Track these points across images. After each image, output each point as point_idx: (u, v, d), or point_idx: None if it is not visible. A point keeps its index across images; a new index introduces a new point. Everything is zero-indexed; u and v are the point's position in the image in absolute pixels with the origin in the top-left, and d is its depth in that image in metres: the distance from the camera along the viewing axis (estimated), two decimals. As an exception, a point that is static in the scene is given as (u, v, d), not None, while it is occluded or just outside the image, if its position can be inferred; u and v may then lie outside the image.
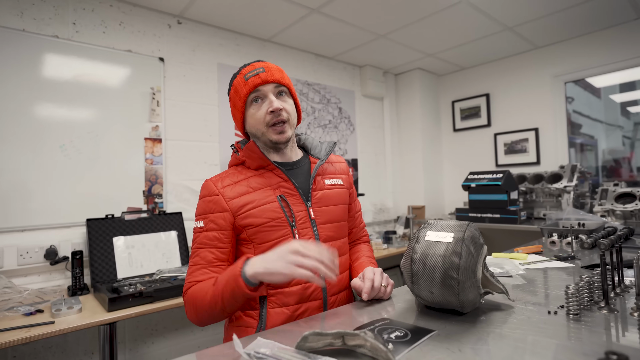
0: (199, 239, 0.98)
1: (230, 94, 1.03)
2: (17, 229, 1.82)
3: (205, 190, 1.00)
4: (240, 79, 0.99)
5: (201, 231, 0.98)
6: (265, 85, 0.97)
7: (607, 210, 2.30)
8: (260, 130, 0.99)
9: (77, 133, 2.00)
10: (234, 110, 1.04)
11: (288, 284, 0.96)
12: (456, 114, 3.71)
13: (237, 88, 1.00)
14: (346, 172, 1.17)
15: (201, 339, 2.37)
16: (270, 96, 0.98)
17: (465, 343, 0.68)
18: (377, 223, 3.55)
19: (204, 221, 0.98)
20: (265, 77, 0.97)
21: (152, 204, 2.23)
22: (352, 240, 1.21)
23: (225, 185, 0.99)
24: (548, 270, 1.24)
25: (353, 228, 1.20)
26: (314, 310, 0.97)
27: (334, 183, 1.09)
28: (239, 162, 1.06)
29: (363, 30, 2.72)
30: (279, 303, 0.95)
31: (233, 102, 1.03)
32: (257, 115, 0.98)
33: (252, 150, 1.00)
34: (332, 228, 1.05)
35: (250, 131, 1.03)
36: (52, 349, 1.87)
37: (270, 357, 0.60)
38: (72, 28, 2.02)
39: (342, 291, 1.05)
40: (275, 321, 0.94)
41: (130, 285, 1.74)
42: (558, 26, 2.75)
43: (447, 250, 0.80)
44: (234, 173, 1.03)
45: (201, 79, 2.50)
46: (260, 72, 0.97)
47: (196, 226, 1.00)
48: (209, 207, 0.98)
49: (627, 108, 3.32)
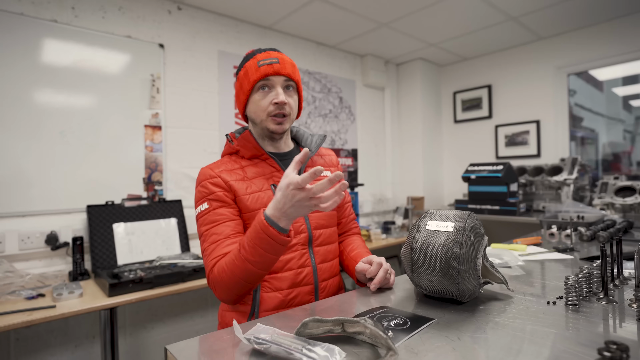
0: (208, 219, 0.96)
1: (240, 74, 1.03)
2: (18, 214, 1.82)
3: (203, 175, 1.01)
4: (253, 63, 0.99)
5: (207, 212, 0.97)
6: (276, 77, 0.98)
7: (606, 203, 2.30)
8: (260, 117, 1.00)
9: (77, 119, 1.99)
10: (239, 92, 1.04)
11: (281, 269, 0.98)
12: (457, 105, 3.69)
13: (248, 71, 0.99)
14: (336, 164, 1.20)
15: (200, 325, 2.39)
16: (278, 88, 0.98)
17: (464, 332, 0.69)
18: (376, 213, 3.56)
19: (208, 202, 0.97)
20: (278, 68, 0.97)
21: (152, 191, 2.23)
22: (343, 232, 1.22)
23: (221, 170, 1.00)
24: (547, 262, 1.24)
25: (342, 218, 1.21)
26: (305, 295, 1.00)
27: (323, 175, 1.11)
28: (232, 151, 1.08)
29: (365, 18, 2.68)
30: (272, 288, 0.97)
31: (240, 83, 1.02)
32: (261, 102, 0.99)
33: (247, 140, 1.02)
34: (322, 217, 1.08)
35: (250, 116, 1.04)
36: (54, 333, 1.89)
37: (270, 343, 0.61)
38: (71, 12, 1.99)
39: (333, 277, 1.08)
40: (268, 305, 0.96)
41: (130, 271, 1.75)
42: (562, 17, 2.71)
43: (448, 240, 0.80)
44: (228, 161, 1.04)
45: (201, 66, 2.47)
46: (274, 62, 0.97)
47: (199, 211, 0.99)
48: (209, 190, 0.98)
49: (630, 102, 3.30)
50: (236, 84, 1.05)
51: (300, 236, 1.02)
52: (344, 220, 1.22)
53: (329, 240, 1.09)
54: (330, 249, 1.09)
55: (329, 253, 1.08)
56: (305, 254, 1.02)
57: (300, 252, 1.01)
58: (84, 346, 1.97)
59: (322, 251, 1.06)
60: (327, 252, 1.07)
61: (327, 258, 1.07)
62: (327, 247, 1.08)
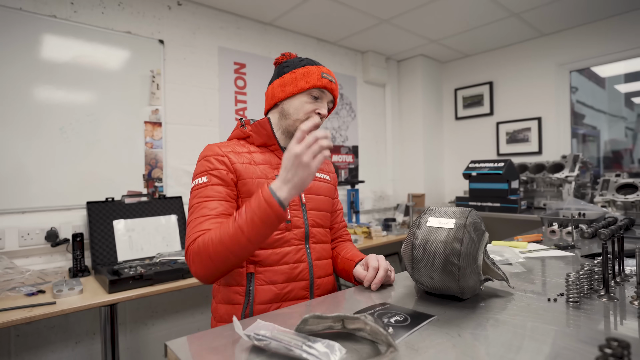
0: (204, 193, 0.94)
1: (298, 71, 1.05)
2: (17, 210, 1.82)
3: (209, 150, 1.00)
4: (317, 70, 1.05)
5: (205, 185, 0.95)
6: (329, 93, 1.07)
7: (608, 200, 2.30)
8: (299, 115, 1.04)
9: (77, 116, 1.98)
10: (290, 85, 1.05)
11: (277, 262, 0.98)
12: (458, 102, 3.68)
13: (310, 74, 1.04)
14: (332, 171, 1.26)
15: (201, 322, 2.39)
16: (325, 102, 1.07)
17: (464, 328, 0.68)
18: (377, 210, 3.56)
19: (208, 176, 0.96)
20: (334, 88, 1.08)
21: (152, 187, 2.23)
22: (335, 238, 1.23)
23: (229, 150, 1.01)
24: (547, 259, 1.24)
25: (335, 224, 1.23)
26: (300, 290, 1.00)
27: (322, 177, 1.18)
28: (242, 136, 1.09)
29: (366, 14, 2.67)
30: (267, 280, 0.97)
31: (295, 78, 1.04)
32: (307, 105, 1.04)
33: (263, 127, 1.05)
34: (319, 215, 1.10)
35: (287, 109, 1.05)
36: (54, 329, 1.89)
37: (270, 339, 0.60)
38: (70, 8, 1.98)
39: (327, 276, 1.10)
40: (262, 298, 0.96)
41: (130, 267, 1.75)
42: (565, 13, 2.69)
43: (449, 237, 0.79)
44: (236, 144, 1.05)
45: (202, 63, 2.46)
46: (333, 81, 1.07)
47: (197, 183, 0.97)
48: (213, 165, 0.97)
49: (632, 99, 3.29)
50: (288, 75, 1.06)
51: (298, 231, 1.02)
52: (336, 225, 1.24)
53: (324, 239, 1.12)
54: (325, 247, 1.11)
55: (324, 251, 1.10)
56: (302, 250, 1.03)
57: (296, 247, 1.02)
58: (84, 342, 1.97)
59: (318, 248, 1.07)
60: (322, 250, 1.09)
61: (323, 256, 1.09)
62: (323, 246, 1.10)
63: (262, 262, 0.98)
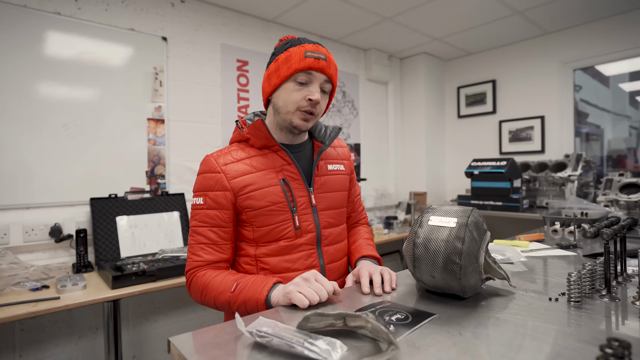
0: (199, 217, 0.97)
1: (280, 57, 0.94)
2: (21, 206, 1.83)
3: (205, 166, 0.97)
4: (300, 51, 0.91)
5: (201, 208, 0.96)
6: (318, 73, 0.93)
7: (610, 200, 2.29)
8: (288, 108, 0.94)
9: (80, 112, 1.99)
10: (274, 76, 0.95)
11: (288, 270, 0.98)
12: (461, 100, 3.66)
13: (292, 57, 0.92)
14: (348, 157, 1.17)
15: (203, 318, 2.41)
16: (316, 85, 0.93)
17: (465, 327, 0.69)
18: (379, 208, 3.56)
19: (204, 199, 0.96)
20: (323, 66, 0.92)
21: (155, 184, 2.24)
22: (351, 223, 1.21)
23: (227, 162, 0.96)
24: (549, 258, 1.24)
25: (352, 212, 1.19)
26: None
27: (336, 169, 1.09)
28: (242, 139, 1.02)
29: (369, 12, 2.66)
30: None
31: (278, 66, 0.94)
32: (294, 94, 0.93)
33: (259, 129, 0.96)
34: (332, 215, 1.04)
35: (276, 103, 0.97)
36: (58, 324, 1.91)
37: (272, 336, 0.61)
38: (74, 5, 1.98)
39: (341, 277, 1.07)
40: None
41: (133, 264, 1.76)
42: (569, 11, 2.68)
43: (450, 235, 0.79)
44: (236, 150, 0.99)
45: (204, 60, 2.47)
46: (321, 58, 0.92)
47: (195, 202, 0.98)
48: (209, 185, 0.95)
49: (636, 97, 3.27)
50: (272, 65, 0.96)
51: (309, 236, 0.99)
52: (354, 214, 1.21)
53: (338, 238, 1.06)
54: (339, 247, 1.06)
55: (338, 252, 1.06)
56: (314, 254, 1.00)
57: (307, 252, 0.99)
58: (87, 337, 1.99)
59: (331, 250, 1.03)
60: (336, 252, 1.05)
61: (336, 257, 1.05)
62: (336, 246, 1.05)
63: (272, 269, 0.97)
